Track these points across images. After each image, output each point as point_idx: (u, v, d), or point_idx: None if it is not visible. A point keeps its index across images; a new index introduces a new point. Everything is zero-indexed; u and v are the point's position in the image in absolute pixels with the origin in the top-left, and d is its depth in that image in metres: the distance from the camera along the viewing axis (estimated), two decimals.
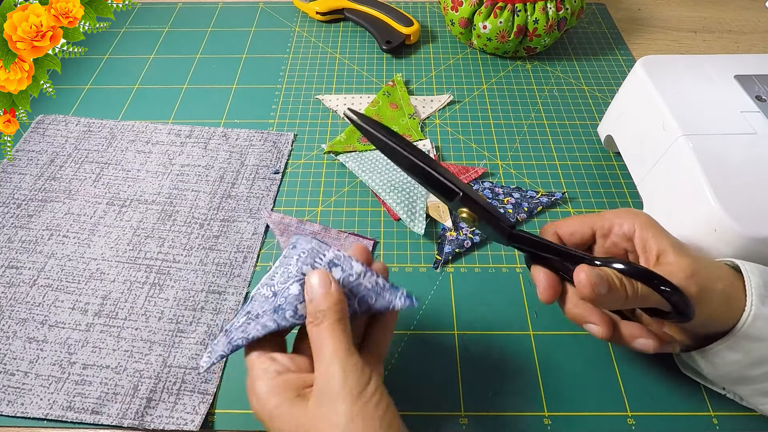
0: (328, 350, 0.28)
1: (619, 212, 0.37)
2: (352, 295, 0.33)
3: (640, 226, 0.35)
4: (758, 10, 0.80)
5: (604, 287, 0.31)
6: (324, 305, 0.30)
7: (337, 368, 0.27)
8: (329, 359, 0.28)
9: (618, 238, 0.36)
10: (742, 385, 0.36)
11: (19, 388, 0.40)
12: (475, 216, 0.35)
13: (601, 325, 0.35)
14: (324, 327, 0.29)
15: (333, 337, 0.29)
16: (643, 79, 0.49)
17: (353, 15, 0.74)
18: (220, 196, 0.53)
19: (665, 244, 0.34)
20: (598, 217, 0.37)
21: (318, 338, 0.29)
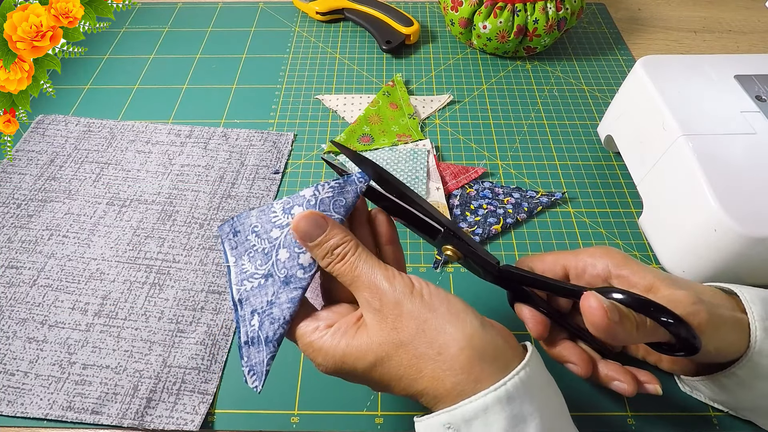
0: (364, 275, 0.29)
1: (593, 251, 0.35)
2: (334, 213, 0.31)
3: (615, 265, 0.34)
4: (758, 10, 0.80)
5: (616, 314, 0.28)
6: (335, 240, 0.29)
7: (382, 282, 0.28)
8: (370, 280, 0.28)
9: (593, 279, 0.35)
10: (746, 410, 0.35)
11: (19, 388, 0.40)
12: (459, 253, 0.34)
13: (581, 364, 0.34)
14: (349, 257, 0.29)
15: (361, 262, 0.29)
16: (643, 79, 0.49)
17: (353, 15, 0.74)
18: (220, 196, 0.53)
19: (651, 279, 0.32)
20: (572, 256, 0.36)
21: (350, 270, 0.29)
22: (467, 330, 0.27)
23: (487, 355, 0.27)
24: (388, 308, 0.28)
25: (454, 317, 0.28)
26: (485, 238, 0.49)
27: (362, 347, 0.28)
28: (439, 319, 0.27)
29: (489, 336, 0.28)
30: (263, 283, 0.32)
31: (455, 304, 0.28)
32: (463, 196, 0.53)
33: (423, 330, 0.27)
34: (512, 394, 0.26)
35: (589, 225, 0.51)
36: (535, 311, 0.35)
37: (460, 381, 0.27)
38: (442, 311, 0.28)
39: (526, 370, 0.27)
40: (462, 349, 0.27)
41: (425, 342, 0.27)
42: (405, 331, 0.27)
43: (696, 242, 0.41)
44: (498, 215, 0.51)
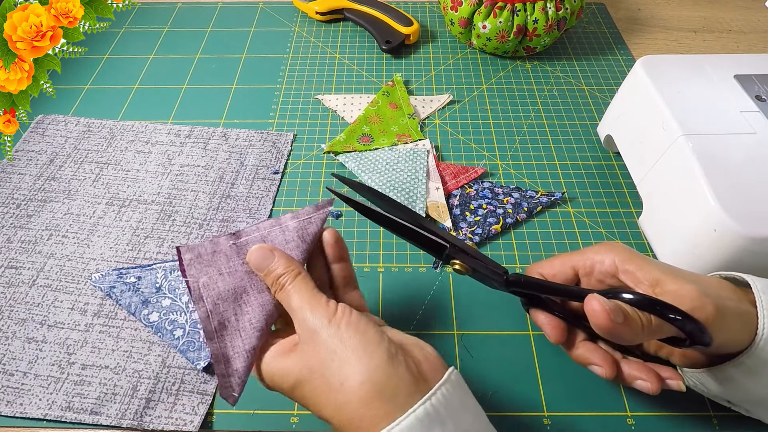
0: (296, 303, 0.31)
1: (599, 249, 0.36)
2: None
3: (621, 261, 0.34)
4: (758, 10, 0.80)
5: (620, 316, 0.29)
6: (279, 270, 0.32)
7: (306, 311, 0.30)
8: (299, 309, 0.31)
9: (602, 275, 0.35)
10: (751, 403, 0.35)
11: (18, 389, 0.40)
12: (468, 267, 0.34)
13: (605, 365, 0.34)
14: (287, 287, 0.32)
15: (296, 291, 0.31)
16: (643, 79, 0.49)
17: (353, 15, 0.74)
18: (219, 196, 0.53)
19: (656, 273, 0.32)
20: (578, 256, 0.36)
21: (287, 299, 0.31)
22: (371, 364, 0.28)
23: (387, 390, 0.27)
24: (308, 335, 0.30)
25: (362, 350, 0.28)
26: (485, 238, 0.49)
27: (286, 368, 0.30)
28: (348, 350, 0.28)
29: (393, 370, 0.28)
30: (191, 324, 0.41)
31: (370, 336, 0.29)
32: (462, 196, 0.53)
33: (332, 359, 0.28)
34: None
35: (589, 225, 0.51)
36: (550, 316, 0.36)
37: (358, 415, 0.27)
38: (353, 342, 0.28)
39: (425, 407, 0.27)
40: (362, 383, 0.27)
41: (331, 371, 0.28)
42: (317, 358, 0.29)
43: (696, 242, 0.41)
44: (498, 215, 0.51)
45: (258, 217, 0.51)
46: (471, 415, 0.29)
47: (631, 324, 0.29)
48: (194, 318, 0.43)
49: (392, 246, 0.49)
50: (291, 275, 0.32)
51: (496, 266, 0.35)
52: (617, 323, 0.29)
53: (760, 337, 0.31)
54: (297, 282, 0.32)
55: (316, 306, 0.30)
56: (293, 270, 0.32)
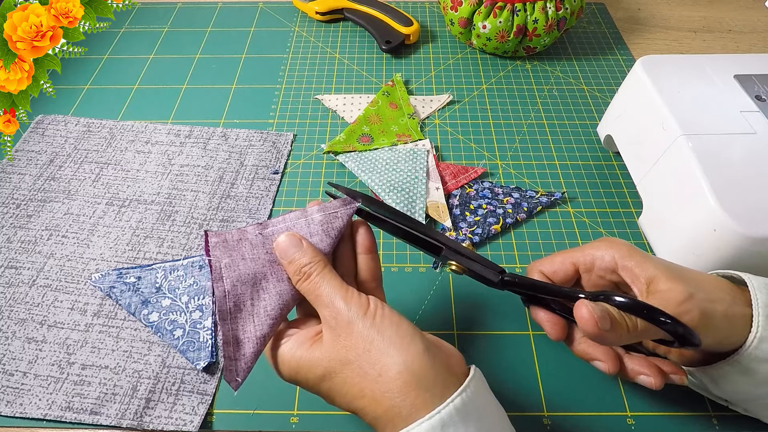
0: (325, 293, 0.30)
1: (599, 245, 0.36)
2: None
3: (621, 257, 0.34)
4: (758, 10, 0.80)
5: (606, 322, 0.30)
6: (305, 259, 0.32)
7: (339, 302, 0.30)
8: (329, 300, 0.30)
9: (603, 272, 0.36)
10: (748, 401, 0.35)
11: (17, 389, 0.40)
12: (464, 267, 0.35)
13: (607, 361, 0.34)
14: (314, 277, 0.31)
15: (325, 281, 0.31)
16: (643, 79, 0.49)
17: (353, 15, 0.74)
18: (219, 196, 0.53)
19: (653, 271, 0.33)
20: (578, 253, 0.37)
21: (313, 289, 0.31)
22: (409, 355, 0.28)
23: (425, 380, 0.28)
24: (342, 327, 0.29)
25: (399, 341, 0.29)
26: (485, 238, 0.49)
27: (314, 360, 0.30)
28: (385, 341, 0.29)
29: (430, 361, 0.28)
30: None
31: (404, 328, 0.29)
32: (462, 196, 0.53)
33: (368, 350, 0.29)
34: (446, 422, 0.27)
35: (589, 225, 0.51)
36: (550, 313, 0.36)
37: (395, 404, 0.27)
38: (389, 334, 0.29)
39: (462, 397, 0.28)
40: (400, 372, 0.28)
41: (369, 362, 0.28)
42: (353, 350, 0.29)
43: (695, 242, 0.41)
44: (497, 215, 0.51)
45: (258, 217, 0.51)
46: (496, 410, 0.30)
47: (618, 329, 0.30)
48: (194, 318, 0.43)
49: (392, 246, 0.49)
50: (318, 266, 0.31)
51: (491, 266, 0.35)
52: (603, 330, 0.30)
53: (754, 335, 0.31)
54: (326, 273, 0.31)
55: (349, 297, 0.30)
56: (320, 260, 0.32)
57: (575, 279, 0.38)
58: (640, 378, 0.34)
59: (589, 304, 0.30)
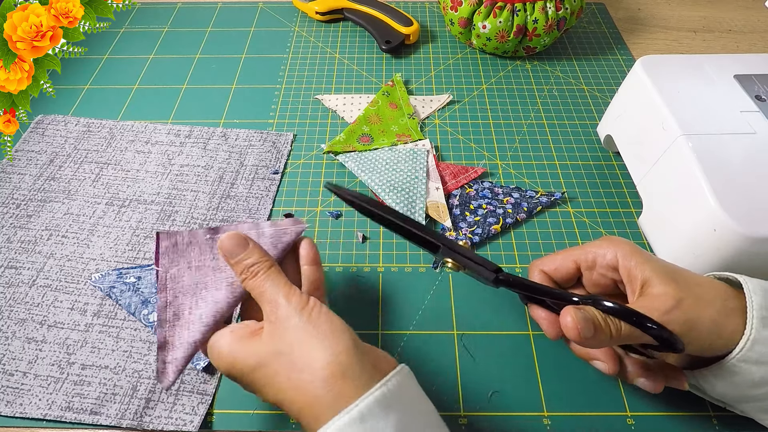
0: (270, 290, 0.32)
1: (601, 243, 0.36)
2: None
3: (623, 256, 0.35)
4: (758, 10, 0.80)
5: (589, 330, 0.30)
6: (252, 259, 0.33)
7: (280, 298, 0.32)
8: (272, 296, 0.32)
9: (604, 269, 0.36)
10: (744, 403, 0.35)
11: (17, 389, 0.40)
12: (459, 265, 0.36)
13: (608, 361, 0.35)
14: (260, 275, 0.33)
15: (270, 279, 0.33)
16: (643, 79, 0.49)
17: (353, 15, 0.74)
18: (219, 196, 0.53)
19: (649, 273, 0.33)
20: (580, 251, 0.37)
21: (259, 286, 0.33)
22: (338, 347, 0.29)
23: (352, 372, 0.29)
24: (280, 320, 0.31)
25: (330, 335, 0.30)
26: (485, 238, 0.49)
27: (249, 352, 0.31)
28: (319, 335, 0.30)
29: (358, 356, 0.30)
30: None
31: (338, 324, 0.31)
32: (462, 196, 0.53)
33: (301, 342, 0.30)
34: (365, 414, 0.27)
35: (589, 225, 0.51)
36: (548, 312, 0.36)
37: (319, 395, 0.28)
38: (323, 329, 0.30)
39: (383, 390, 0.28)
40: (329, 363, 0.29)
41: (300, 354, 0.30)
42: (287, 342, 0.30)
43: (695, 242, 0.41)
44: (497, 215, 0.51)
45: (258, 216, 0.51)
46: (422, 405, 0.31)
47: (599, 335, 0.31)
48: None
49: (392, 246, 0.49)
50: (265, 265, 0.33)
51: (487, 264, 0.36)
52: (585, 337, 0.30)
53: (747, 337, 0.32)
54: (272, 272, 0.33)
55: (290, 295, 0.32)
56: (267, 260, 0.34)
57: (576, 277, 0.38)
58: (639, 381, 0.35)
59: (573, 311, 0.31)
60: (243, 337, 0.32)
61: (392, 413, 0.28)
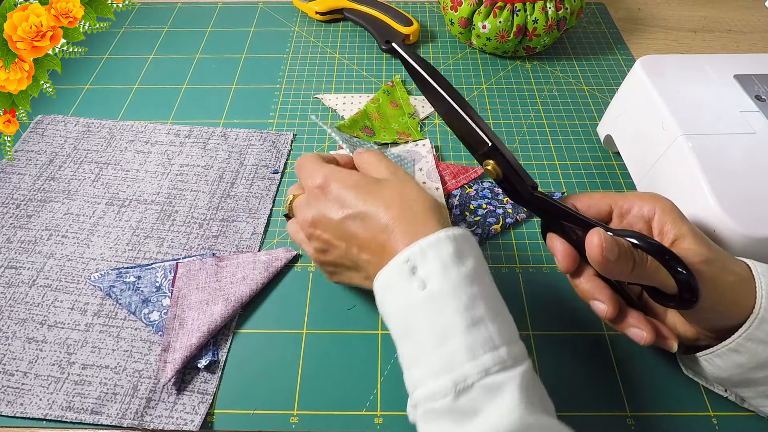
0: (371, 156, 0.39)
1: (643, 195, 0.37)
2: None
3: (661, 210, 0.35)
4: (758, 9, 0.80)
5: (614, 253, 0.30)
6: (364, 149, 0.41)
7: (382, 162, 0.39)
8: (375, 160, 0.39)
9: (635, 219, 0.36)
10: (746, 388, 0.36)
11: (18, 389, 0.40)
12: (499, 171, 0.35)
13: (608, 303, 0.34)
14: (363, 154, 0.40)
15: (382, 157, 0.40)
16: (643, 79, 0.49)
17: (352, 15, 0.74)
18: (219, 196, 0.53)
19: (684, 230, 0.34)
20: (619, 196, 0.37)
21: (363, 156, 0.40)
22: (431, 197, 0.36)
23: (442, 212, 0.35)
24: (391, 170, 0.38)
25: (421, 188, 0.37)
26: (485, 238, 0.49)
27: (352, 180, 0.36)
28: (415, 185, 0.36)
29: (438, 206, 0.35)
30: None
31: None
32: (462, 196, 0.53)
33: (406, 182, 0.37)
34: (457, 236, 0.32)
35: None
36: (566, 244, 0.35)
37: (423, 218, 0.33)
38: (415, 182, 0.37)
39: (463, 233, 0.33)
40: (432, 202, 0.35)
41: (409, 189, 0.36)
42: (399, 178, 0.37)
43: None
44: (497, 215, 0.51)
45: (258, 216, 0.51)
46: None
47: (623, 261, 0.31)
48: None
49: None
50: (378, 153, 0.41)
51: (527, 178, 0.35)
52: (608, 259, 0.31)
53: (755, 315, 0.32)
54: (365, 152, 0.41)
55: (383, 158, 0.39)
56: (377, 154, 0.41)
57: (606, 221, 0.38)
58: (631, 330, 0.34)
59: (601, 231, 0.31)
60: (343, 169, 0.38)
61: (472, 246, 0.33)
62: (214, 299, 0.44)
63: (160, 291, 0.45)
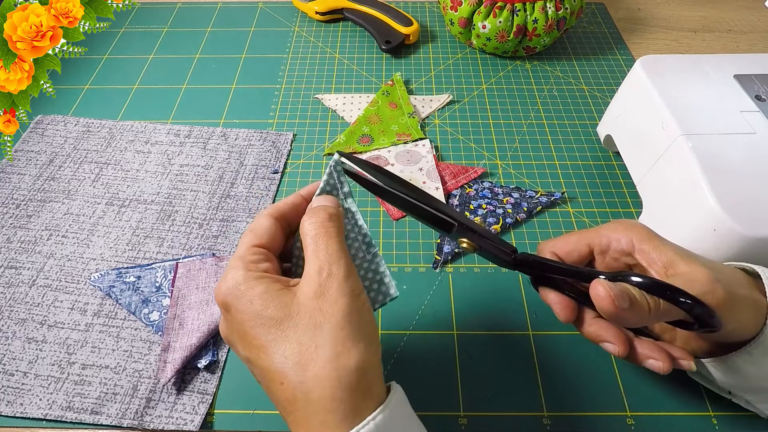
0: (333, 248, 0.29)
1: (616, 227, 0.35)
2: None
3: (638, 239, 0.34)
4: (758, 9, 0.80)
5: (625, 302, 0.29)
6: (331, 204, 0.31)
7: (341, 267, 0.28)
8: (333, 257, 0.28)
9: (617, 254, 0.35)
10: (752, 393, 0.35)
11: (18, 389, 0.40)
12: (475, 245, 0.35)
13: (617, 343, 0.33)
14: (330, 225, 0.29)
15: (338, 237, 0.29)
16: (643, 79, 0.49)
17: (352, 15, 0.74)
18: (219, 196, 0.53)
19: (671, 255, 0.33)
20: (594, 233, 0.36)
21: (322, 235, 0.29)
22: (375, 356, 0.28)
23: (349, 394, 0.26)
24: (331, 288, 0.28)
25: (373, 337, 0.28)
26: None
27: (280, 305, 0.28)
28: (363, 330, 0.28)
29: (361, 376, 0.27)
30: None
31: (372, 330, 0.29)
32: (462, 196, 0.53)
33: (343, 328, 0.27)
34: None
35: (589, 225, 0.51)
36: (560, 295, 0.35)
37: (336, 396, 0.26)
38: (368, 330, 0.28)
39: (370, 426, 0.26)
40: (358, 369, 0.27)
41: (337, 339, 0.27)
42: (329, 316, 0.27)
43: (695, 242, 0.41)
44: (497, 215, 0.51)
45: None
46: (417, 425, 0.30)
47: (637, 309, 0.29)
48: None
49: (392, 246, 0.49)
50: (337, 217, 0.31)
51: (504, 245, 0.35)
52: (622, 309, 0.29)
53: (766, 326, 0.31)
54: (339, 226, 0.31)
55: (351, 269, 0.29)
56: (341, 217, 0.31)
57: (588, 260, 0.37)
58: (648, 362, 0.34)
59: (605, 282, 0.30)
60: (278, 287, 0.28)
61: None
62: (213, 300, 0.44)
63: (160, 291, 0.45)
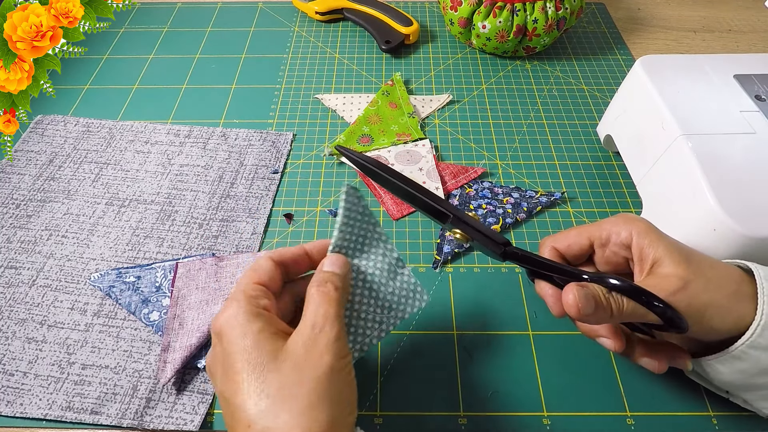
0: (331, 313, 0.30)
1: (617, 220, 0.36)
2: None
3: (637, 234, 0.35)
4: (758, 9, 0.80)
5: (590, 307, 0.31)
6: (340, 273, 0.33)
7: (333, 330, 0.30)
8: (329, 319, 0.30)
9: (617, 247, 0.36)
10: (748, 392, 0.35)
11: (18, 389, 0.40)
12: (468, 236, 0.36)
13: (613, 339, 0.34)
14: (335, 295, 0.31)
15: (339, 306, 0.31)
16: (643, 79, 0.49)
17: (352, 15, 0.74)
18: (219, 196, 0.53)
19: (661, 252, 0.33)
20: (595, 227, 0.37)
21: (323, 298, 0.31)
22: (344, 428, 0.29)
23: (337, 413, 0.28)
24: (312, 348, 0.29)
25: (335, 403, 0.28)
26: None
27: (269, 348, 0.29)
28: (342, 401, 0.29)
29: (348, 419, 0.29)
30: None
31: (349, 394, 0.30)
32: (462, 196, 0.53)
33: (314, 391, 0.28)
34: None
35: None
36: (555, 289, 0.36)
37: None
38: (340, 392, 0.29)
39: None
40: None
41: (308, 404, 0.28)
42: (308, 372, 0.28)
43: (695, 242, 0.41)
44: (497, 215, 0.51)
45: (257, 216, 0.51)
46: None
47: (600, 312, 0.31)
48: None
49: None
50: (342, 282, 0.32)
51: (496, 237, 0.36)
52: (586, 314, 0.31)
53: (757, 323, 0.32)
54: (341, 291, 0.32)
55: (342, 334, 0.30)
56: (346, 282, 0.33)
57: (589, 254, 0.38)
58: (643, 360, 0.35)
59: (575, 288, 0.31)
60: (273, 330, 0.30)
61: None
62: (214, 299, 0.44)
63: (159, 291, 0.45)
